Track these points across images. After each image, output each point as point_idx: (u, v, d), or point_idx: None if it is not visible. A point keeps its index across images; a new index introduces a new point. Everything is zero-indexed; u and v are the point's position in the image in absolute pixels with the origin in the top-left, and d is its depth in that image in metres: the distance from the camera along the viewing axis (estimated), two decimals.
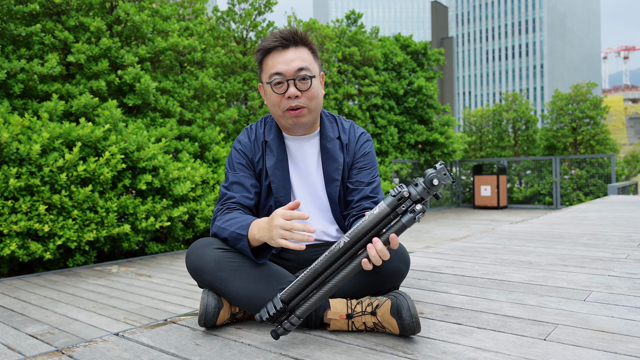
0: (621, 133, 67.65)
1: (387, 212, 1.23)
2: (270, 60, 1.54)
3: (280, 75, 1.51)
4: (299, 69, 1.51)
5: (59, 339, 2.98)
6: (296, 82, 1.51)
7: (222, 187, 1.62)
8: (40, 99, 6.35)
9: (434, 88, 13.46)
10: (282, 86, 1.52)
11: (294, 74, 1.51)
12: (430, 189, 1.21)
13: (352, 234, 1.24)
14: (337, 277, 1.26)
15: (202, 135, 7.30)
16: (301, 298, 1.29)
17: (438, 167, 1.21)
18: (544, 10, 77.63)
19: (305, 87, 1.53)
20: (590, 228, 3.88)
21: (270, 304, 1.29)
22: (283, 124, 1.60)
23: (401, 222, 1.23)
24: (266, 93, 1.59)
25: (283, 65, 1.51)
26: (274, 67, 1.52)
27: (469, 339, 1.36)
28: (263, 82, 1.59)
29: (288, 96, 1.51)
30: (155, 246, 6.06)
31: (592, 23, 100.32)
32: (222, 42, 9.80)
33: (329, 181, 1.64)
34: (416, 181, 1.23)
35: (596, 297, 1.78)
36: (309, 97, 1.54)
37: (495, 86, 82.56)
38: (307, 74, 1.52)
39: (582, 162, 13.53)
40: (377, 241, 1.23)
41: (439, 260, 2.61)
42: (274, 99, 1.55)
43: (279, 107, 1.55)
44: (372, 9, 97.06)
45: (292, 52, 1.53)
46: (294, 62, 1.51)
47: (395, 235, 1.23)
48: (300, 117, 1.55)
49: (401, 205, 1.23)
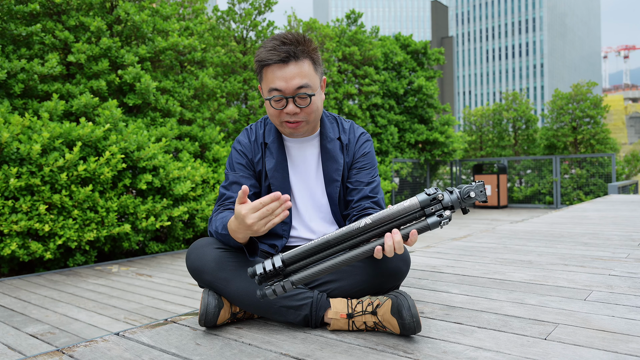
0: (621, 132, 67.63)
1: (416, 208, 1.24)
2: (270, 74, 1.48)
3: (280, 92, 1.48)
4: (298, 87, 1.47)
5: (59, 338, 2.99)
6: (295, 99, 1.49)
7: (222, 187, 1.62)
8: (40, 98, 6.35)
9: (434, 87, 13.46)
10: (281, 102, 1.50)
11: (293, 92, 1.47)
12: (463, 200, 1.23)
13: (375, 218, 1.24)
14: (345, 255, 1.25)
15: (203, 135, 7.30)
16: (302, 265, 1.26)
17: (477, 183, 1.24)
18: (544, 10, 77.59)
19: (305, 104, 1.50)
20: (590, 227, 3.88)
21: (269, 261, 1.25)
22: (282, 132, 1.60)
23: (426, 222, 1.23)
24: (265, 103, 1.57)
25: (282, 82, 1.46)
26: (273, 83, 1.47)
27: (469, 339, 1.36)
28: (262, 90, 1.56)
29: (286, 112, 1.50)
30: (155, 246, 6.06)
31: (592, 22, 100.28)
32: (222, 42, 9.79)
33: (329, 182, 1.64)
34: (452, 189, 1.24)
35: (597, 297, 1.78)
36: (307, 113, 1.52)
37: (495, 85, 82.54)
38: (307, 92, 1.48)
39: (583, 161, 13.53)
40: (396, 232, 1.22)
41: (440, 259, 2.60)
42: (272, 112, 1.53)
43: (277, 119, 1.54)
44: (372, 9, 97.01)
45: (293, 67, 1.46)
46: (293, 80, 1.46)
47: (416, 232, 1.23)
48: (298, 129, 1.55)
49: (431, 206, 1.23)
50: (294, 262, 1.25)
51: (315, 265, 1.25)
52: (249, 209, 1.25)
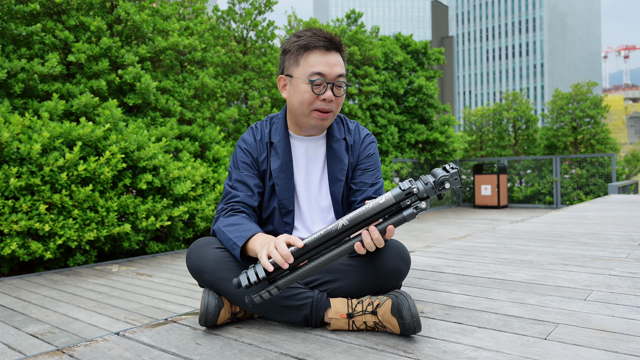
0: (621, 132, 67.63)
1: (391, 204, 1.25)
2: (313, 58, 1.51)
3: (322, 76, 1.50)
4: (339, 74, 1.52)
5: (59, 338, 2.99)
6: (334, 87, 1.52)
7: (227, 185, 1.61)
8: (40, 98, 6.35)
9: (434, 87, 13.46)
10: (320, 88, 1.51)
11: (334, 79, 1.51)
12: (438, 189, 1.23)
13: (352, 218, 1.25)
14: (326, 255, 1.27)
15: (203, 135, 7.30)
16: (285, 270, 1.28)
17: (451, 171, 1.22)
18: (544, 10, 77.58)
19: (340, 93, 1.54)
20: (590, 227, 3.88)
21: (252, 271, 1.26)
22: (303, 122, 1.58)
23: (402, 215, 1.25)
24: (298, 89, 1.54)
25: (326, 67, 1.50)
26: (317, 67, 1.50)
27: (469, 339, 1.36)
28: (294, 76, 1.54)
29: (324, 98, 1.51)
30: (155, 246, 6.06)
31: (593, 22, 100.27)
32: (222, 42, 9.80)
33: (333, 181, 1.64)
34: (427, 179, 1.24)
35: (597, 297, 1.78)
36: (338, 104, 1.56)
37: (495, 85, 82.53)
38: (345, 81, 1.54)
39: (583, 161, 13.53)
40: (373, 230, 1.24)
41: (440, 259, 2.60)
42: (307, 97, 1.52)
43: (308, 106, 1.53)
44: (372, 8, 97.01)
45: (334, 56, 1.53)
46: (336, 67, 1.51)
47: (392, 227, 1.25)
48: (325, 121, 1.56)
49: (407, 199, 1.24)
50: (277, 268, 1.26)
51: (298, 269, 1.27)
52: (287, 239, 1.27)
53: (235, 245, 1.40)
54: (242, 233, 1.42)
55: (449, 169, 1.22)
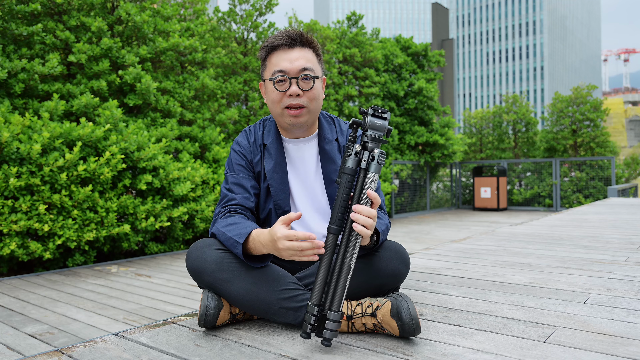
0: (621, 135, 67.63)
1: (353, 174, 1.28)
2: (275, 58, 1.54)
3: (284, 72, 1.52)
4: (302, 68, 1.52)
5: (58, 338, 2.98)
6: (299, 81, 1.52)
7: (223, 188, 1.62)
8: (41, 98, 6.35)
9: (434, 90, 13.46)
10: (285, 84, 1.53)
11: (297, 73, 1.52)
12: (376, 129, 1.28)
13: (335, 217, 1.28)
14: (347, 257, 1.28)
15: (203, 136, 7.30)
16: (330, 293, 1.29)
17: (368, 110, 1.29)
18: (545, 13, 77.66)
19: (308, 87, 1.53)
20: (590, 230, 3.88)
21: (307, 315, 1.28)
22: (281, 123, 1.60)
23: (369, 173, 1.27)
24: (267, 90, 1.59)
25: (287, 63, 1.52)
26: (278, 65, 1.53)
27: (468, 341, 1.36)
28: (265, 80, 1.59)
29: (289, 94, 1.52)
30: (155, 246, 6.06)
31: (593, 25, 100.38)
32: (223, 43, 9.80)
33: (328, 182, 1.64)
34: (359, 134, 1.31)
35: (596, 300, 1.78)
36: (309, 98, 1.54)
37: (495, 88, 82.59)
38: (310, 74, 1.53)
39: (582, 164, 13.53)
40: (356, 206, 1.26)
41: (439, 261, 2.60)
42: (275, 96, 1.54)
43: (279, 105, 1.55)
44: (372, 10, 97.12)
45: (298, 51, 1.54)
46: (298, 61, 1.52)
47: (371, 192, 1.27)
48: (299, 117, 1.55)
49: (362, 159, 1.28)
50: (321, 296, 1.29)
51: (337, 284, 1.28)
52: (284, 235, 1.27)
53: (237, 243, 1.40)
54: (242, 230, 1.42)
55: (365, 110, 1.29)
